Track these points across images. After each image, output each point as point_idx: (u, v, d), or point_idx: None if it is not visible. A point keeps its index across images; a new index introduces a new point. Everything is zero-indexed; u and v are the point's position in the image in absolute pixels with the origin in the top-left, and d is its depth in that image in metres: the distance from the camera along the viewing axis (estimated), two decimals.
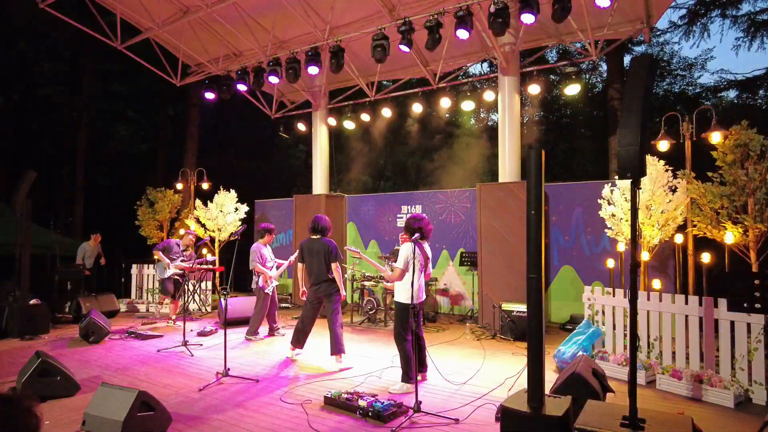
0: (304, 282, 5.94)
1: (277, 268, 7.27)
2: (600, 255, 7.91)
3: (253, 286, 7.20)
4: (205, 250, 10.62)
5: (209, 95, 9.90)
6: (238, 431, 3.89)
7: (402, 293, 4.80)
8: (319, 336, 6.91)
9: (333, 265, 5.70)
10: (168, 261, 7.81)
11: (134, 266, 10.31)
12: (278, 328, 7.48)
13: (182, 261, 7.83)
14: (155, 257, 8.06)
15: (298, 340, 5.93)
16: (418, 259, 4.70)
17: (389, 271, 4.89)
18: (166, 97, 17.85)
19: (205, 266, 8.20)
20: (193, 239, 8.27)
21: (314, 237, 5.81)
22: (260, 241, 7.20)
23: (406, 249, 4.78)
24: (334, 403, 4.32)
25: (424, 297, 5.06)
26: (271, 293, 7.17)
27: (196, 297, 9.71)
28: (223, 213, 10.32)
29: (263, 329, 7.38)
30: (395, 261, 4.99)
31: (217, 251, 10.44)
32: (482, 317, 7.98)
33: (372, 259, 5.42)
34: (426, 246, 4.99)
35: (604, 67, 16.79)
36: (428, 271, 5.04)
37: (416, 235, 4.69)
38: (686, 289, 6.31)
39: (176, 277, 7.92)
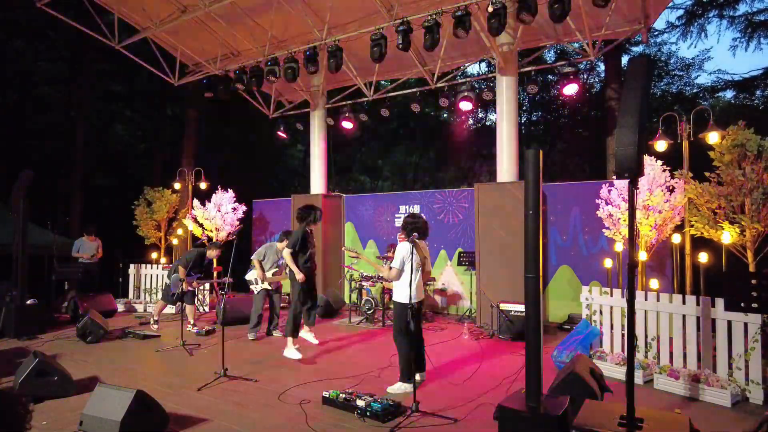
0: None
1: (273, 274, 7.13)
2: (598, 255, 7.92)
3: (246, 277, 7.21)
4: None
5: (207, 95, 9.89)
6: (236, 431, 3.89)
7: (400, 292, 4.80)
8: (319, 336, 6.91)
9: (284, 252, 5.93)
10: (182, 280, 7.24)
11: (132, 266, 10.28)
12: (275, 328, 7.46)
13: (199, 278, 7.50)
14: (180, 274, 7.32)
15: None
16: (415, 258, 4.70)
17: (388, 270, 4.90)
18: (164, 97, 17.83)
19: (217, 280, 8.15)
20: (218, 253, 7.97)
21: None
22: (278, 244, 7.07)
23: (402, 248, 4.79)
24: (332, 403, 4.31)
25: (423, 296, 5.05)
26: (258, 292, 7.14)
27: (195, 298, 9.68)
28: (221, 213, 10.31)
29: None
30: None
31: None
32: (480, 317, 7.98)
33: (370, 259, 5.43)
34: (424, 245, 5.00)
35: (601, 67, 16.83)
36: (426, 269, 5.03)
37: (414, 234, 4.70)
38: (684, 288, 6.34)
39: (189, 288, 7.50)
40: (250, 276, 7.19)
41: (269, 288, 7.17)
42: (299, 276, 5.89)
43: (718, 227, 5.47)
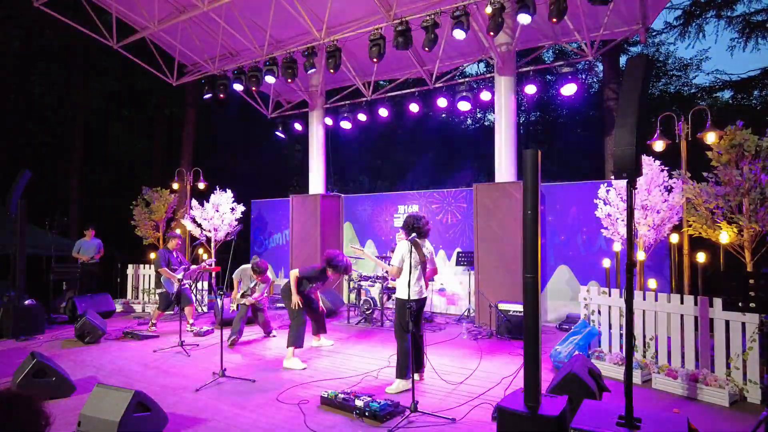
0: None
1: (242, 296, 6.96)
2: (596, 255, 7.93)
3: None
4: (201, 250, 10.59)
5: (205, 95, 9.88)
6: (235, 431, 3.89)
7: (400, 290, 4.87)
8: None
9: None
10: (176, 277, 7.30)
11: (130, 266, 10.26)
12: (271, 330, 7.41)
13: (185, 270, 7.49)
14: (162, 275, 7.48)
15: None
16: (413, 256, 4.73)
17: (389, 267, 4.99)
18: (162, 97, 17.78)
19: (206, 268, 8.10)
20: (179, 242, 7.95)
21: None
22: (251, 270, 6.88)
23: (400, 247, 4.86)
24: (330, 403, 4.32)
25: (425, 295, 5.02)
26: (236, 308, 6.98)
27: (192, 297, 9.67)
28: (219, 213, 10.29)
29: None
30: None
31: (213, 251, 10.42)
32: (479, 317, 7.99)
33: (375, 258, 5.56)
34: (427, 244, 5.02)
35: (600, 67, 16.85)
36: (431, 268, 5.05)
37: (413, 234, 4.75)
38: (682, 288, 6.34)
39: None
40: (232, 296, 7.08)
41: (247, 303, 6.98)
42: (295, 298, 5.87)
43: (716, 227, 5.48)
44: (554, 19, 6.45)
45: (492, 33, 6.88)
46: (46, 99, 17.21)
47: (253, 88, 9.57)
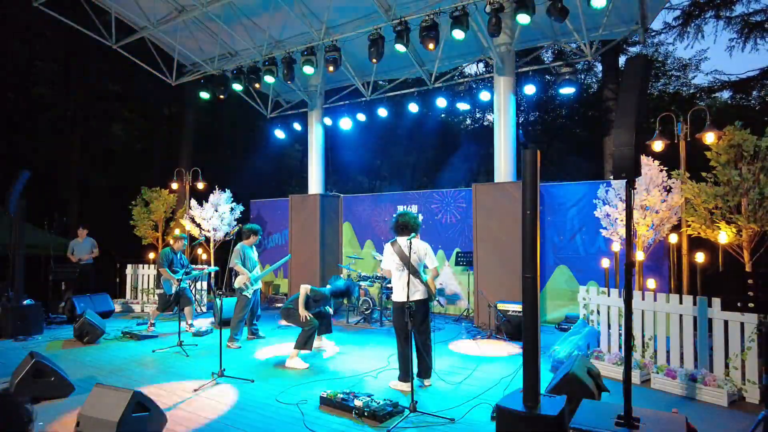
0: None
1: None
2: (595, 255, 7.94)
3: (235, 286, 6.84)
4: (200, 250, 10.58)
5: (204, 95, 9.88)
6: (234, 431, 3.89)
7: (394, 292, 4.92)
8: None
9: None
10: (176, 279, 7.24)
11: (129, 266, 10.25)
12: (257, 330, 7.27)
13: (186, 273, 7.50)
14: (162, 276, 7.42)
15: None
16: (395, 258, 4.80)
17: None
18: (161, 97, 17.76)
19: (202, 270, 8.10)
20: (187, 243, 7.92)
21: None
22: (245, 242, 6.85)
23: (384, 250, 4.96)
24: (330, 403, 4.31)
25: (420, 297, 4.77)
26: (251, 296, 6.78)
27: (192, 297, 9.66)
28: (218, 213, 10.29)
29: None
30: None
31: (212, 251, 10.41)
32: (478, 317, 7.99)
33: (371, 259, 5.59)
34: (415, 243, 4.74)
35: (599, 67, 16.86)
36: (431, 269, 4.94)
37: (396, 235, 4.88)
38: (681, 288, 6.35)
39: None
40: (239, 283, 6.73)
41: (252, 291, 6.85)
42: (303, 313, 5.77)
43: (714, 227, 5.49)
44: (556, 18, 6.46)
45: (491, 33, 6.89)
46: (45, 99, 17.18)
47: (252, 88, 9.57)
